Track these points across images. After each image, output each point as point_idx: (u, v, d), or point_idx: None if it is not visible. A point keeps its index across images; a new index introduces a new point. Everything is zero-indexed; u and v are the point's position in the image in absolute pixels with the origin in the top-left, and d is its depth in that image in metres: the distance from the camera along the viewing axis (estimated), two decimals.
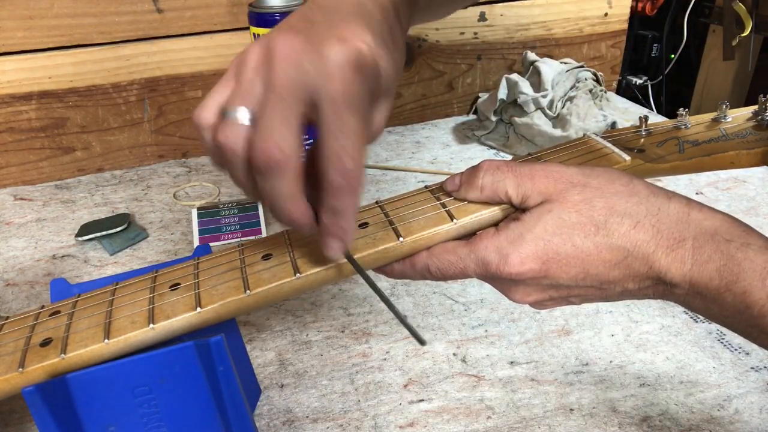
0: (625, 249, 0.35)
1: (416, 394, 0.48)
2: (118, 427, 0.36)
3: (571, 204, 0.35)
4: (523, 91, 0.86)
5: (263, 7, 0.66)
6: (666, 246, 0.34)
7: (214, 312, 0.36)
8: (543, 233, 0.35)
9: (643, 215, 0.35)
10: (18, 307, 0.59)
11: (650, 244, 0.34)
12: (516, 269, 0.35)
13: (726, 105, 0.47)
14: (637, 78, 1.39)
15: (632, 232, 0.34)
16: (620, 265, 0.35)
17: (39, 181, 0.83)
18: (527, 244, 0.35)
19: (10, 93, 0.77)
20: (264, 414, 0.47)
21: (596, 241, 0.35)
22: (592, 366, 0.51)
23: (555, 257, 0.35)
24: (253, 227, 0.69)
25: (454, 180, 0.40)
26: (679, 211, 0.35)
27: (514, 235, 0.36)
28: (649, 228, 0.34)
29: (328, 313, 0.57)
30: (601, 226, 0.35)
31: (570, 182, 0.36)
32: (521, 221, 0.36)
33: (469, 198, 0.39)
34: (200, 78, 0.85)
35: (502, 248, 0.36)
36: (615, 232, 0.35)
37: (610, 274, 0.35)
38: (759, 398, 0.47)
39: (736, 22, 1.19)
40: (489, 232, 0.37)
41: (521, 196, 0.37)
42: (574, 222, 0.35)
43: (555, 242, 0.35)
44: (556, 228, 0.35)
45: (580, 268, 0.35)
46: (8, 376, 0.34)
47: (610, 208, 0.35)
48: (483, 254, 0.36)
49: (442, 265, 0.38)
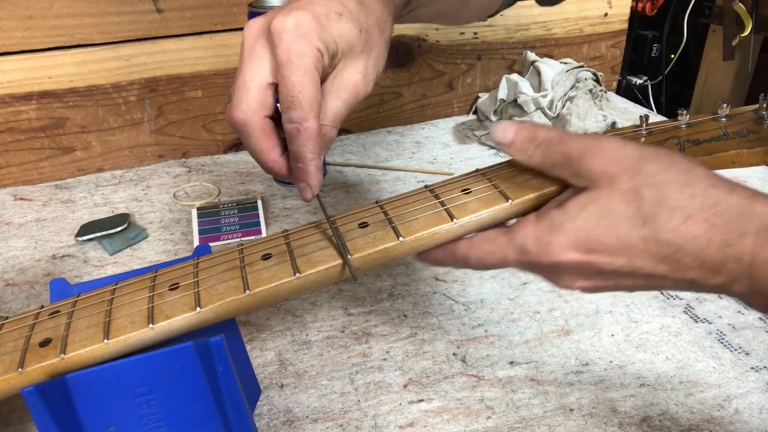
0: (674, 244, 0.33)
1: (416, 394, 0.48)
2: (118, 427, 0.36)
3: (619, 193, 0.34)
4: (523, 91, 0.86)
5: (263, 7, 0.66)
6: (721, 242, 0.32)
7: (214, 312, 0.36)
8: (585, 224, 0.34)
9: (696, 209, 0.33)
10: (18, 307, 0.59)
11: (702, 240, 0.32)
12: (556, 258, 0.35)
13: (726, 104, 0.47)
14: (637, 78, 1.39)
15: (682, 227, 0.32)
16: (668, 260, 0.33)
17: (39, 181, 0.83)
18: (568, 234, 0.34)
19: (10, 93, 0.77)
20: (264, 414, 0.47)
21: (642, 234, 0.33)
22: (592, 366, 0.51)
23: (598, 248, 0.34)
24: (253, 227, 0.69)
25: (506, 133, 0.39)
26: (741, 205, 0.32)
27: (555, 223, 0.35)
28: (701, 222, 0.32)
29: (328, 313, 0.57)
30: (648, 218, 0.33)
31: (621, 166, 0.34)
32: (563, 209, 0.35)
33: (517, 159, 0.39)
34: (200, 78, 0.85)
35: (541, 237, 0.35)
36: (663, 226, 0.33)
37: (656, 268, 0.34)
38: (759, 398, 0.47)
39: (736, 22, 1.19)
40: (529, 219, 0.37)
41: (568, 175, 0.37)
42: (620, 213, 0.34)
43: (598, 233, 0.34)
44: (600, 218, 0.34)
45: (624, 260, 0.34)
46: (8, 376, 0.34)
47: (660, 200, 0.33)
48: (522, 242, 0.36)
49: (482, 255, 0.38)
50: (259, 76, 0.38)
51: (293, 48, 0.37)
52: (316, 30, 0.38)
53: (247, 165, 0.86)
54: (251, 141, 0.39)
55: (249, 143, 0.40)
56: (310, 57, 0.37)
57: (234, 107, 0.38)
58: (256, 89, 0.38)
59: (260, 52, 0.39)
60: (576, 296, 0.59)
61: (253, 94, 0.38)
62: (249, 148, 0.40)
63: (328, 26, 0.38)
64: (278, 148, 0.40)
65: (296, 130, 0.38)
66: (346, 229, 0.39)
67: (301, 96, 0.37)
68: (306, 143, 0.38)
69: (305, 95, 0.37)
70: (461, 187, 0.41)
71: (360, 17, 0.40)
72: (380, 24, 0.42)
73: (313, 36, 0.37)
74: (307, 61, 0.37)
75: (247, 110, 0.38)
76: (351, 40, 0.39)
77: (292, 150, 0.39)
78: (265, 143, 0.39)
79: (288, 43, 0.37)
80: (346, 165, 0.85)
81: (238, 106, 0.38)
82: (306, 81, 0.37)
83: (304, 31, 0.37)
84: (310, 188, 0.40)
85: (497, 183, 0.40)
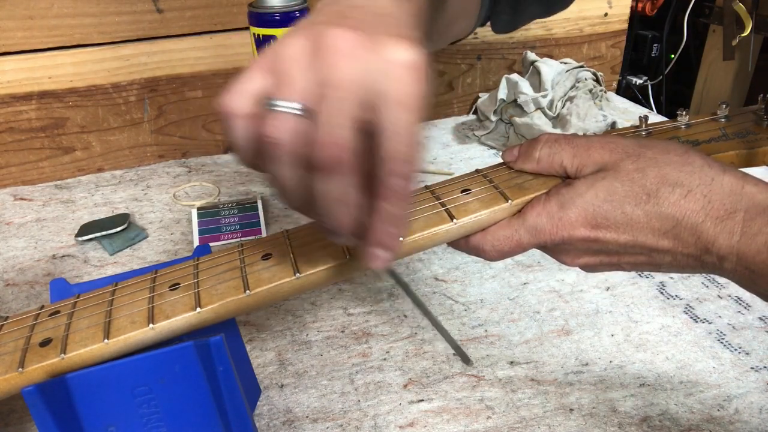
0: (674, 218, 0.35)
1: (416, 394, 0.48)
2: (118, 427, 0.36)
3: (625, 173, 0.36)
4: (523, 91, 0.86)
5: (263, 7, 0.66)
6: (715, 217, 0.34)
7: (214, 312, 0.36)
8: (594, 199, 0.36)
9: (695, 185, 0.35)
10: (18, 307, 0.59)
11: (699, 214, 0.34)
12: (567, 233, 0.36)
13: (726, 105, 0.47)
14: (637, 78, 1.39)
15: (682, 202, 0.35)
16: (669, 234, 0.35)
17: (39, 181, 0.83)
18: (578, 209, 0.36)
19: (10, 93, 0.77)
20: (264, 414, 0.47)
21: (646, 210, 0.35)
22: (592, 366, 0.51)
23: (604, 223, 0.36)
24: (253, 227, 0.69)
25: (513, 151, 0.41)
26: (733, 183, 0.35)
27: (565, 199, 0.37)
28: (700, 198, 0.35)
29: (328, 313, 0.57)
30: (652, 194, 0.35)
31: (625, 152, 0.37)
32: (572, 186, 0.37)
33: (526, 169, 0.40)
34: (200, 78, 0.85)
35: (553, 213, 0.37)
36: (665, 201, 0.35)
37: (659, 243, 0.36)
38: (759, 398, 0.47)
39: (736, 22, 1.19)
40: (539, 199, 0.38)
41: (576, 166, 0.38)
42: (626, 190, 0.36)
43: (605, 208, 0.36)
44: (607, 195, 0.36)
45: (629, 236, 0.36)
46: (8, 376, 0.34)
47: (663, 177, 0.35)
48: (535, 221, 0.37)
49: (497, 242, 0.38)
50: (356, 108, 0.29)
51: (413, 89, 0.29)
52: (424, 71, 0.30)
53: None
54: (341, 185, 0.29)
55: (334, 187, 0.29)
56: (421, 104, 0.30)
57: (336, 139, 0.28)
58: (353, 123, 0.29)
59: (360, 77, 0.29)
60: (576, 296, 0.59)
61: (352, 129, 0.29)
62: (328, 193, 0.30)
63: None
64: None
65: (404, 189, 0.30)
66: None
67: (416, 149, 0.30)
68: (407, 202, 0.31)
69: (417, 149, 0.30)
70: (461, 187, 0.41)
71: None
72: None
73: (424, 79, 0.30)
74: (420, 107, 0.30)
75: (348, 148, 0.29)
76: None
77: (387, 210, 0.31)
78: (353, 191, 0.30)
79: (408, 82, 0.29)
80: None
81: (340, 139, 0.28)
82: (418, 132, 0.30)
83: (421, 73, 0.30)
84: (392, 256, 0.33)
85: (497, 183, 0.40)
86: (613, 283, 0.60)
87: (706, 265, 0.36)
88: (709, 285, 0.60)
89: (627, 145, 0.37)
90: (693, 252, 0.35)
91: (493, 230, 0.39)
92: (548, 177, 0.40)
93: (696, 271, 0.37)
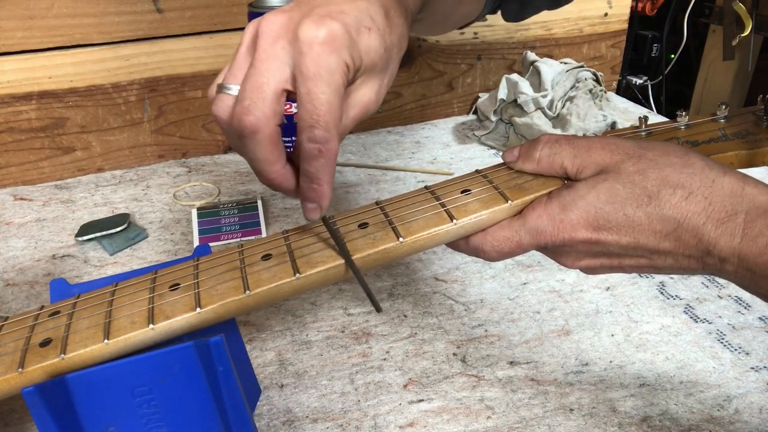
0: (675, 220, 0.35)
1: (416, 394, 0.48)
2: (118, 428, 0.36)
3: (626, 174, 0.36)
4: (523, 91, 0.86)
5: (263, 7, 0.66)
6: (716, 219, 0.34)
7: (214, 312, 0.36)
8: (595, 201, 0.36)
9: (696, 187, 0.35)
10: (18, 307, 0.59)
11: (701, 216, 0.34)
12: (568, 235, 0.36)
13: (725, 105, 0.47)
14: (637, 78, 1.39)
15: (683, 204, 0.35)
16: (670, 237, 0.35)
17: (39, 181, 0.83)
18: (579, 210, 0.36)
19: (10, 93, 0.77)
20: (264, 414, 0.47)
21: (648, 212, 0.35)
22: (592, 366, 0.51)
23: (606, 225, 0.36)
24: (253, 227, 0.69)
25: (513, 152, 0.41)
26: (734, 185, 0.35)
27: (566, 201, 0.37)
28: (701, 200, 0.35)
29: (328, 313, 0.57)
30: (653, 196, 0.35)
31: (626, 154, 0.37)
32: (574, 189, 0.37)
33: (526, 169, 0.40)
34: (200, 78, 0.85)
35: (554, 215, 0.37)
36: (666, 203, 0.35)
37: (660, 245, 0.36)
38: (759, 398, 0.47)
39: (736, 22, 1.19)
40: (540, 200, 0.38)
41: (577, 167, 0.38)
42: (627, 192, 0.36)
43: (606, 210, 0.36)
44: (608, 197, 0.36)
45: (631, 238, 0.36)
46: (8, 376, 0.34)
47: (664, 179, 0.35)
48: (536, 222, 0.37)
49: (497, 243, 0.39)
50: (276, 81, 0.34)
51: (324, 62, 0.33)
52: (347, 44, 0.34)
53: (248, 165, 0.86)
54: (258, 149, 0.35)
55: (254, 151, 0.36)
56: (339, 74, 0.34)
57: (245, 111, 0.34)
58: (272, 95, 0.34)
59: (280, 55, 0.34)
60: (576, 296, 0.59)
61: (268, 100, 0.34)
62: (251, 155, 0.36)
63: (358, 41, 0.35)
64: (284, 159, 0.37)
65: (317, 151, 0.35)
66: (347, 230, 0.39)
67: (329, 116, 0.34)
68: (326, 165, 0.35)
69: (333, 115, 0.34)
70: (461, 187, 0.41)
71: (386, 34, 0.37)
72: (400, 41, 0.40)
73: (344, 51, 0.34)
74: (336, 78, 0.34)
75: (261, 117, 0.34)
76: (375, 59, 0.36)
77: (306, 170, 0.36)
78: (272, 154, 0.36)
79: (319, 56, 0.33)
80: (346, 165, 0.85)
81: (251, 110, 0.34)
82: (334, 100, 0.34)
83: (336, 46, 0.34)
84: (321, 209, 0.37)
85: (497, 184, 0.40)
86: (613, 283, 0.60)
87: (707, 267, 0.36)
88: (709, 285, 0.60)
89: (628, 147, 0.37)
90: (694, 254, 0.35)
91: (493, 231, 0.39)
92: (548, 178, 0.40)
93: (697, 272, 0.37)
